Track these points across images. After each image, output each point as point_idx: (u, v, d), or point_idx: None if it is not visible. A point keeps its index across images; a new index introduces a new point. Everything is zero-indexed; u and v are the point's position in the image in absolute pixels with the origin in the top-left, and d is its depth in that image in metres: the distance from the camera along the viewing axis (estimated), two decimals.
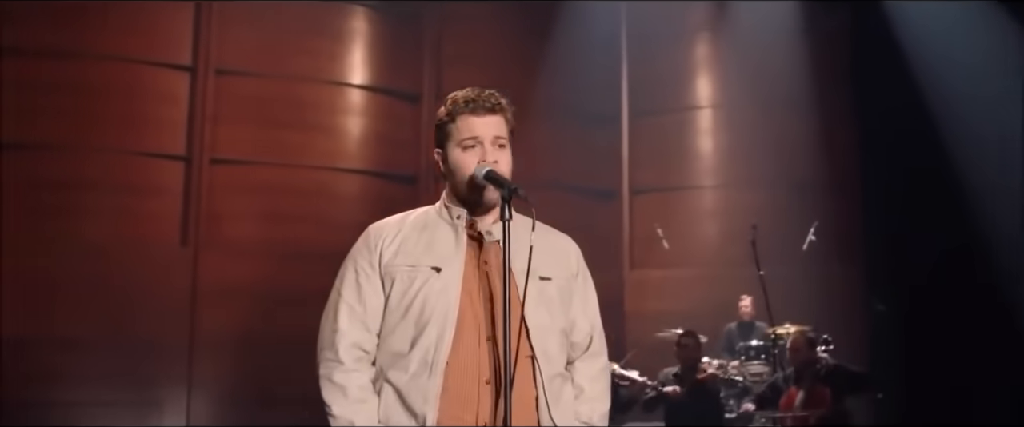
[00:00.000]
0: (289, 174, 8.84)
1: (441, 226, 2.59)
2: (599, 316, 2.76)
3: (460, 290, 2.50)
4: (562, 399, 2.58)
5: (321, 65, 9.22)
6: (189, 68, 8.60)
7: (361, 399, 2.47)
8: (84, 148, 8.10)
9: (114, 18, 8.27)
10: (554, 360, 2.57)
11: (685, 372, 7.36)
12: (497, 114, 2.58)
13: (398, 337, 2.50)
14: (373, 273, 2.56)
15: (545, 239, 2.63)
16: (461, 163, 2.55)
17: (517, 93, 9.16)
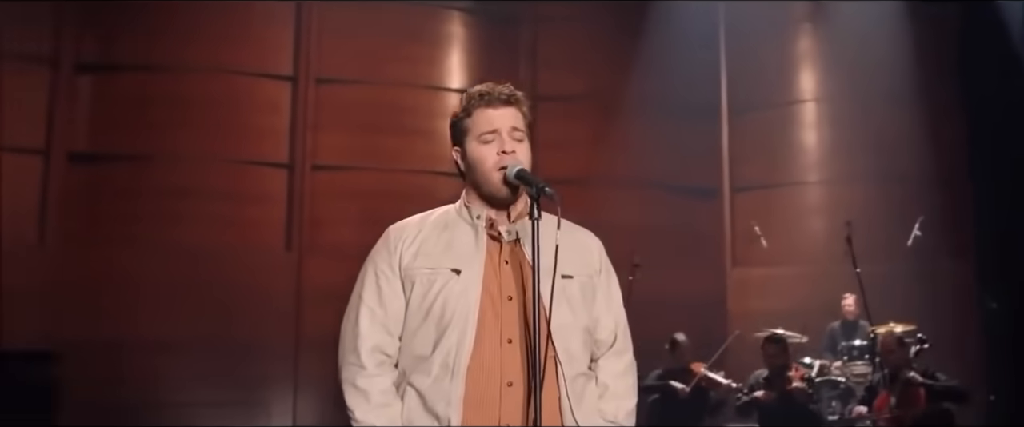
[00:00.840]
0: (389, 178, 9.00)
1: (461, 226, 2.55)
2: (624, 312, 2.69)
3: (480, 292, 2.46)
4: (585, 398, 2.52)
5: (419, 70, 9.36)
6: (290, 78, 8.87)
7: (384, 403, 2.45)
8: (192, 158, 8.44)
9: (219, 32, 8.61)
10: (577, 359, 2.52)
11: (773, 376, 7.23)
12: (512, 106, 2.54)
13: (420, 340, 2.47)
14: (393, 275, 2.53)
15: (567, 236, 2.54)
16: (481, 157, 2.51)
17: (613, 93, 9.23)
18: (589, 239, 2.69)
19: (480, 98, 2.54)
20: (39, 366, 6.08)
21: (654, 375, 7.77)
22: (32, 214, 8.16)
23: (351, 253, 9.44)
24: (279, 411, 8.24)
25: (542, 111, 9.60)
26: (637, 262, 7.53)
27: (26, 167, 8.17)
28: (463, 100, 2.57)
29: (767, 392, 7.11)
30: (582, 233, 2.69)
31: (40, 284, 7.70)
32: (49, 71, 8.41)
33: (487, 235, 2.53)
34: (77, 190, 8.25)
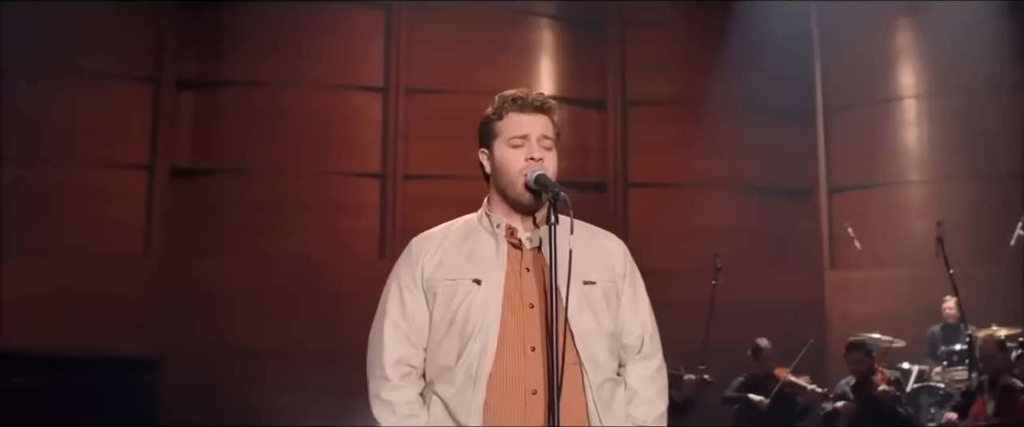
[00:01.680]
0: (479, 186, 9.05)
1: (482, 235, 2.54)
2: (652, 317, 2.65)
3: (501, 301, 2.44)
4: (613, 404, 2.49)
5: (507, 78, 9.36)
6: (381, 89, 9.06)
7: (409, 414, 2.46)
8: (288, 170, 8.69)
9: (311, 47, 8.85)
10: (602, 365, 2.48)
11: (860, 383, 7.03)
12: (544, 114, 2.53)
13: (444, 351, 2.47)
14: (416, 287, 2.53)
15: (589, 242, 2.55)
16: (508, 161, 2.50)
17: (703, 95, 9.13)
18: (613, 244, 2.65)
19: (513, 103, 2.53)
20: (142, 371, 6.35)
21: (737, 383, 7.65)
22: (138, 227, 8.57)
23: None
24: (373, 418, 8.37)
25: (631, 115, 9.60)
26: (719, 266, 7.43)
27: (132, 182, 8.62)
28: (495, 102, 2.57)
29: (847, 402, 6.92)
30: (606, 238, 2.66)
31: (145, 293, 8.10)
32: (152, 89, 8.83)
33: (509, 243, 2.51)
34: (179, 203, 8.61)
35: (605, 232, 2.67)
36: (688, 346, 7.34)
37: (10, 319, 7.49)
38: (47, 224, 8.36)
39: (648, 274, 8.38)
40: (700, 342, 7.55)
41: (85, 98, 8.63)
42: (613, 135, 9.52)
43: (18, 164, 8.34)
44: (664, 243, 8.85)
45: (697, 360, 7.49)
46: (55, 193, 8.41)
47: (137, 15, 8.79)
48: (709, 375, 7.45)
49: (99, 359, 6.45)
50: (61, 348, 6.64)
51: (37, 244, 8.24)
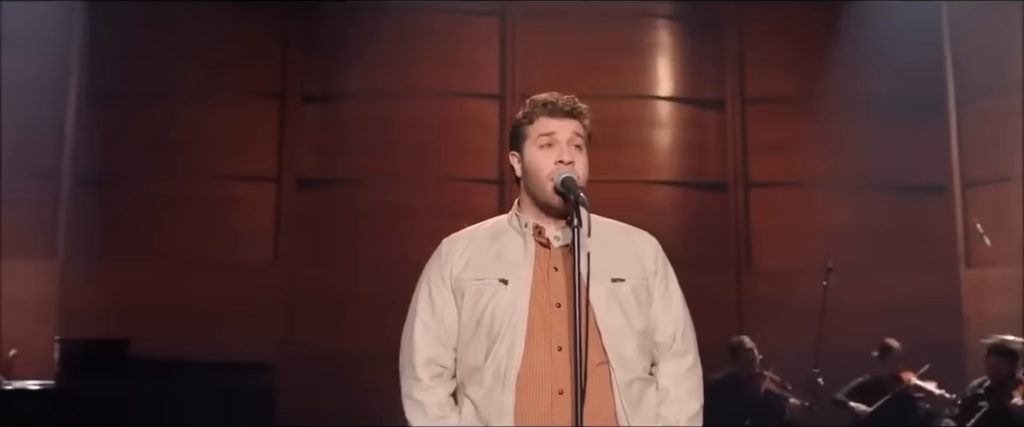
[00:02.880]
0: (597, 190, 8.98)
1: (511, 235, 2.57)
2: (685, 314, 2.62)
3: (528, 300, 2.47)
4: (643, 404, 2.48)
5: (624, 81, 9.37)
6: (497, 96, 9.14)
7: (440, 415, 2.50)
8: (408, 177, 8.85)
9: (430, 58, 9.01)
10: (631, 364, 2.48)
11: (994, 388, 6.67)
12: (574, 118, 2.55)
13: (473, 351, 2.50)
14: (445, 288, 2.58)
15: (620, 240, 2.56)
16: (538, 163, 2.53)
17: (824, 90, 8.90)
18: (644, 241, 2.64)
19: (543, 107, 2.56)
20: (263, 375, 6.57)
21: (855, 384, 7.41)
22: (268, 235, 8.88)
23: None
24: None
25: (751, 114, 9.43)
26: (830, 266, 7.20)
27: (261, 193, 8.96)
28: (526, 106, 2.59)
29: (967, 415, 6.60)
30: (637, 235, 2.65)
31: (274, 299, 8.40)
32: (278, 104, 9.14)
33: (537, 242, 2.52)
34: (305, 212, 8.89)
35: (639, 230, 2.67)
36: (810, 348, 7.16)
37: (144, 325, 7.84)
38: (181, 234, 8.77)
39: (771, 274, 8.30)
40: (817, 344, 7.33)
41: (216, 114, 9.03)
42: (732, 134, 9.36)
43: (155, 178, 8.84)
44: (787, 243, 8.68)
45: (810, 362, 7.28)
46: (189, 205, 8.82)
47: (263, 34, 9.14)
48: (822, 379, 7.20)
49: (224, 363, 6.70)
50: (193, 352, 6.92)
51: (172, 253, 8.67)
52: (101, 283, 8.58)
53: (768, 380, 7.27)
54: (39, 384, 6.47)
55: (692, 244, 9.03)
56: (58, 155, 9.03)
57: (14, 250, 8.61)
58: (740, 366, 7.31)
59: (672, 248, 8.82)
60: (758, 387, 7.23)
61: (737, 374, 7.32)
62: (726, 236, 9.17)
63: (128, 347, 6.43)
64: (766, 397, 7.20)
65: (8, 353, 6.82)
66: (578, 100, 2.61)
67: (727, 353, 7.44)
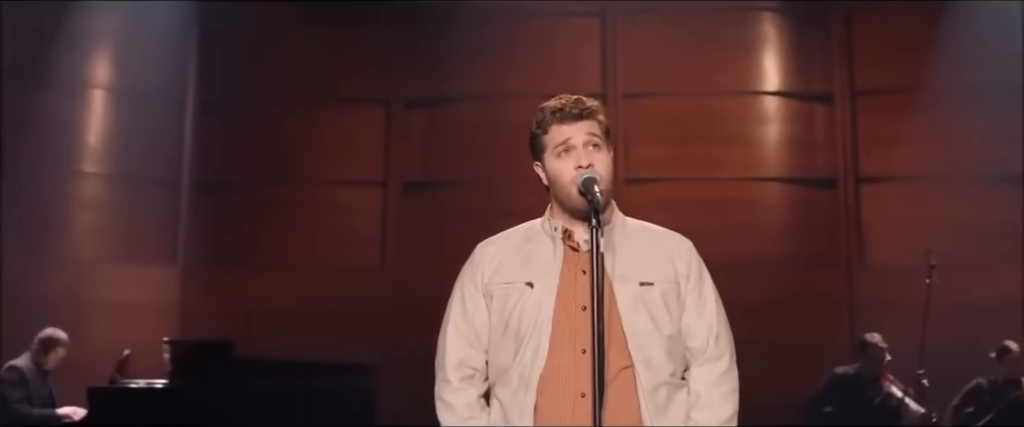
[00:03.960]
0: (704, 188, 8.95)
1: (541, 239, 2.57)
2: (720, 319, 2.55)
3: (554, 303, 2.46)
4: (671, 409, 2.44)
5: (729, 77, 9.25)
6: (600, 95, 9.11)
7: (469, 416, 2.51)
8: (511, 179, 8.84)
9: (531, 60, 9.05)
10: (658, 369, 2.44)
11: None
12: (586, 119, 2.51)
13: (502, 354, 2.51)
14: (476, 291, 2.58)
15: (651, 242, 2.53)
16: (558, 171, 2.51)
17: (937, 81, 8.58)
18: (677, 244, 2.60)
19: (553, 114, 2.53)
20: (363, 376, 6.71)
21: (971, 386, 7.13)
22: (375, 239, 9.07)
23: None
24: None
25: (861, 107, 9.18)
26: (933, 263, 6.93)
27: (368, 198, 9.15)
28: (537, 115, 2.57)
29: None
30: (669, 238, 2.61)
31: (380, 302, 8.55)
32: (384, 110, 9.32)
33: (567, 246, 2.51)
34: (411, 216, 9.03)
35: (673, 233, 2.63)
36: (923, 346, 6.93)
37: (256, 326, 8.13)
38: (291, 239, 9.04)
39: (884, 271, 8.06)
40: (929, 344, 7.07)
41: (324, 121, 9.28)
42: (841, 128, 9.14)
43: (267, 184, 9.15)
44: (900, 239, 8.41)
45: (915, 364, 7.03)
46: (299, 210, 9.08)
47: (368, 41, 9.34)
48: (927, 381, 6.94)
49: (326, 364, 6.88)
50: (300, 354, 7.12)
51: (283, 257, 8.96)
52: (216, 287, 8.93)
53: (891, 382, 7.06)
54: (149, 383, 6.78)
55: (801, 242, 8.88)
56: (177, 164, 9.42)
57: (137, 255, 9.02)
58: (867, 364, 7.09)
59: (780, 246, 8.71)
60: (881, 388, 7.03)
61: (862, 372, 7.13)
62: (836, 233, 8.96)
63: (231, 348, 6.61)
64: (885, 400, 6.99)
65: (122, 353, 7.11)
66: (587, 99, 2.58)
67: (856, 349, 7.27)
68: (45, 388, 7.08)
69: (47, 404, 7.05)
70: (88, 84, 9.03)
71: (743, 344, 8.19)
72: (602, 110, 2.58)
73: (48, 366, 7.08)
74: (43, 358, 7.05)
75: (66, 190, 8.89)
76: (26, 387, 6.91)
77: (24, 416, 6.84)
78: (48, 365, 7.08)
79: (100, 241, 9.01)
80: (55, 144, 8.79)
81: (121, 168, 9.08)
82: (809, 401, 7.21)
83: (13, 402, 6.83)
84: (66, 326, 7.45)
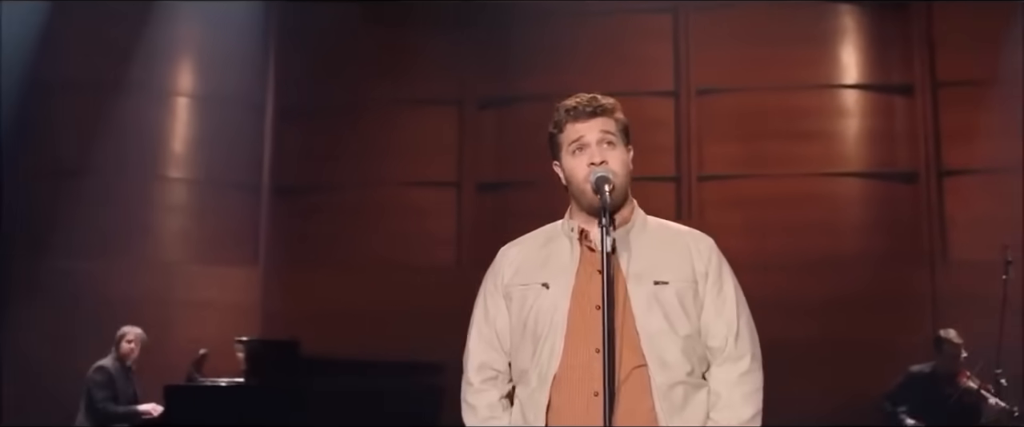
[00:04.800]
0: (779, 185, 8.84)
1: (560, 240, 2.57)
2: (741, 318, 2.50)
3: (569, 303, 2.46)
4: (689, 408, 2.42)
5: (805, 71, 9.11)
6: (672, 93, 9.08)
7: (490, 417, 2.54)
8: None
9: (602, 58, 9.06)
10: (673, 368, 2.42)
11: None
12: (600, 116, 2.51)
13: (522, 354, 2.52)
14: (497, 293, 2.60)
15: (668, 241, 2.50)
16: (573, 169, 2.52)
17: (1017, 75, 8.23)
18: (696, 243, 2.56)
19: (567, 113, 2.54)
20: (433, 375, 6.77)
21: None
22: (450, 240, 9.16)
23: (742, 262, 9.40)
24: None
25: (943, 99, 8.95)
26: (1010, 259, 6.72)
27: (442, 198, 9.24)
28: (554, 115, 2.57)
29: None
30: (689, 236, 2.57)
31: (456, 302, 8.56)
32: (457, 111, 9.41)
33: (585, 246, 2.50)
34: (486, 216, 9.09)
35: (694, 232, 2.60)
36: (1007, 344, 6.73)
37: (335, 326, 8.27)
38: (368, 240, 9.19)
39: (968, 267, 7.81)
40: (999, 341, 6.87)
41: (399, 123, 9.40)
42: (923, 120, 8.92)
43: (344, 187, 9.33)
44: (983, 234, 8.17)
45: (991, 363, 6.82)
46: (375, 212, 9.23)
47: (441, 44, 9.40)
48: (1006, 379, 6.73)
49: (399, 363, 6.97)
50: (376, 353, 7.22)
51: (359, 258, 9.11)
52: (296, 287, 9.13)
53: (969, 378, 6.88)
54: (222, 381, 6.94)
55: (882, 237, 8.71)
56: (257, 167, 9.65)
57: (220, 257, 9.27)
58: (943, 361, 6.94)
59: (859, 242, 8.53)
60: (957, 385, 6.86)
61: (938, 369, 6.97)
62: (918, 228, 8.75)
63: (300, 348, 6.72)
64: (962, 396, 6.82)
65: (198, 352, 7.28)
66: (602, 97, 2.57)
67: (932, 347, 7.12)
68: (130, 386, 7.33)
69: (132, 401, 7.29)
70: (172, 92, 9.33)
71: (821, 342, 8.12)
72: (619, 108, 2.58)
73: (129, 363, 7.32)
74: (123, 355, 7.29)
75: (152, 194, 9.18)
76: (112, 386, 7.17)
77: (109, 414, 7.11)
78: (129, 361, 7.32)
79: (185, 243, 9.28)
80: (142, 150, 9.10)
81: (204, 173, 9.36)
82: (885, 399, 7.08)
83: (98, 402, 7.11)
84: (153, 326, 7.69)
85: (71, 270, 8.39)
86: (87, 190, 8.65)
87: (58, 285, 8.32)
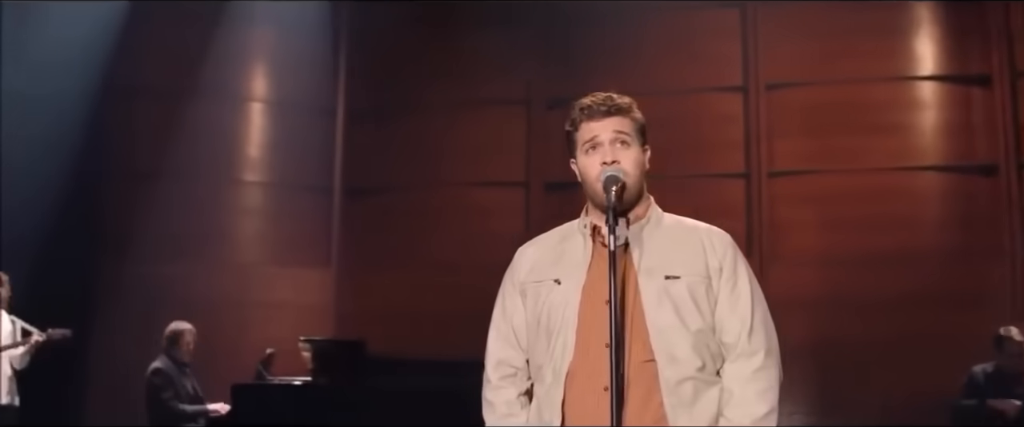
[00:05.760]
0: (851, 180, 8.68)
1: (575, 237, 2.59)
2: (757, 314, 2.46)
3: (580, 299, 2.47)
4: (698, 404, 2.40)
5: (876, 63, 8.92)
6: (741, 88, 8.98)
7: (507, 414, 2.57)
8: (657, 176, 8.80)
9: (671, 56, 9.04)
10: (683, 363, 2.41)
11: None
12: (614, 115, 2.52)
13: (537, 350, 2.55)
14: (514, 291, 2.63)
15: (682, 237, 2.50)
16: (586, 168, 2.54)
17: None
18: (711, 239, 2.54)
19: (582, 111, 2.56)
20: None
21: None
22: (519, 239, 9.08)
23: (814, 258, 9.36)
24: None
25: (1023, 89, 8.70)
26: None
27: (511, 198, 9.28)
28: (571, 113, 2.59)
29: None
30: (704, 233, 2.55)
31: None
32: (525, 111, 9.44)
33: (599, 242, 2.51)
34: (554, 216, 9.02)
35: (710, 228, 2.58)
36: None
37: (406, 326, 8.38)
38: (437, 240, 9.28)
39: None
40: None
41: (466, 124, 9.47)
42: (1002, 112, 8.68)
43: (413, 188, 9.43)
44: None
45: None
46: (444, 212, 9.31)
47: (508, 44, 9.45)
48: None
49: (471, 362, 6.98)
50: (444, 353, 7.28)
51: (430, 258, 9.20)
52: (367, 288, 9.26)
53: None
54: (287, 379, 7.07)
55: (960, 232, 8.51)
56: (329, 170, 9.81)
57: (294, 259, 9.46)
58: (1004, 359, 6.76)
59: (936, 237, 8.36)
60: (1022, 383, 6.68)
61: (1001, 368, 6.80)
62: (998, 222, 8.52)
63: (365, 347, 6.79)
64: None
65: (265, 352, 7.41)
66: (617, 95, 2.59)
67: (992, 345, 6.95)
68: (188, 383, 7.39)
69: (193, 399, 7.31)
70: (247, 97, 9.54)
71: (897, 339, 7.96)
72: (634, 107, 2.60)
73: (184, 359, 7.35)
74: (176, 352, 7.30)
75: (228, 198, 9.40)
76: (173, 386, 7.22)
77: (178, 413, 7.18)
78: (184, 358, 7.33)
79: (260, 246, 9.49)
80: (217, 154, 9.32)
81: (278, 176, 9.55)
82: (953, 400, 6.92)
83: (166, 401, 7.14)
84: (229, 327, 7.88)
85: (151, 273, 8.62)
86: (165, 194, 8.89)
87: (139, 288, 8.55)
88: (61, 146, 8.13)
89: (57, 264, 7.86)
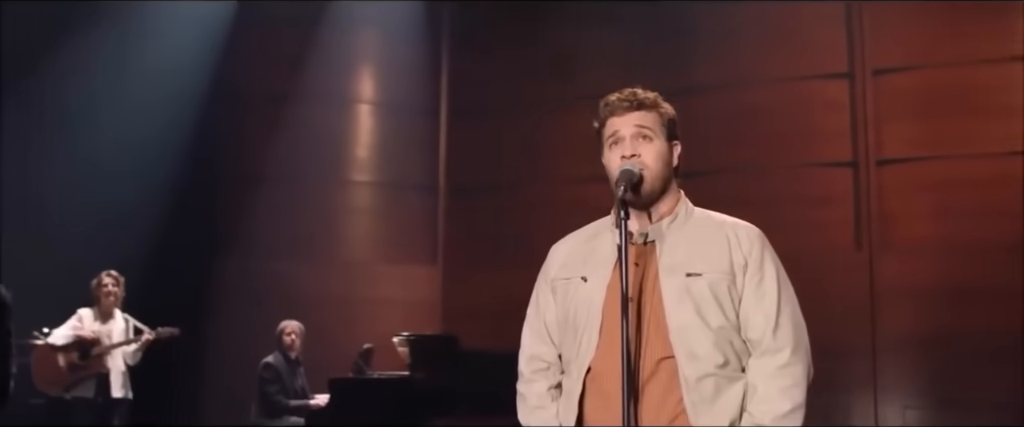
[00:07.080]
0: (962, 166, 8.34)
1: (604, 234, 2.59)
2: (783, 310, 2.43)
3: (604, 296, 2.48)
4: (721, 401, 2.38)
5: (988, 43, 8.50)
6: (847, 74, 8.75)
7: (537, 406, 2.62)
8: (760, 166, 8.73)
9: (775, 45, 8.90)
10: (703, 360, 2.39)
11: None
12: (637, 110, 2.51)
13: (566, 346, 2.58)
14: (546, 287, 2.68)
15: (707, 233, 2.48)
16: (609, 163, 2.55)
17: None
18: (737, 235, 2.50)
19: (605, 107, 2.57)
20: None
21: None
22: None
23: (925, 248, 9.08)
24: (859, 413, 8.12)
25: None
26: None
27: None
28: (599, 110, 2.60)
29: None
30: (730, 228, 2.52)
31: None
32: None
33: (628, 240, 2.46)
34: None
35: (738, 224, 2.55)
36: None
37: (508, 323, 8.40)
38: (543, 237, 9.22)
39: None
40: None
41: (569, 120, 9.42)
42: None
43: (518, 185, 9.56)
44: None
45: None
46: (550, 209, 9.26)
47: (610, 39, 9.45)
48: None
49: None
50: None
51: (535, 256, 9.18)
52: (473, 285, 9.39)
53: None
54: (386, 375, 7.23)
55: None
56: (434, 169, 9.99)
57: (402, 257, 9.66)
58: None
59: None
60: None
61: None
62: None
63: (458, 343, 6.94)
64: None
65: (362, 346, 7.60)
66: (642, 91, 2.59)
67: None
68: (298, 379, 7.75)
69: (301, 393, 7.75)
70: (354, 99, 9.80)
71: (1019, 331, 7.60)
72: (661, 102, 2.60)
73: (294, 355, 7.73)
74: (285, 348, 7.70)
75: (337, 198, 9.65)
76: (281, 380, 7.65)
77: (282, 407, 7.60)
78: (294, 354, 7.74)
79: (368, 244, 9.72)
80: (325, 155, 9.58)
81: (386, 176, 9.77)
82: None
83: (272, 395, 7.62)
84: (338, 324, 8.09)
85: (263, 272, 8.93)
86: (275, 195, 9.19)
87: (252, 286, 8.87)
88: (174, 149, 8.46)
89: (172, 265, 8.20)
